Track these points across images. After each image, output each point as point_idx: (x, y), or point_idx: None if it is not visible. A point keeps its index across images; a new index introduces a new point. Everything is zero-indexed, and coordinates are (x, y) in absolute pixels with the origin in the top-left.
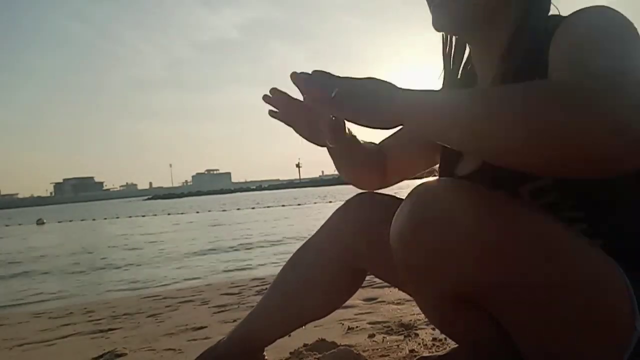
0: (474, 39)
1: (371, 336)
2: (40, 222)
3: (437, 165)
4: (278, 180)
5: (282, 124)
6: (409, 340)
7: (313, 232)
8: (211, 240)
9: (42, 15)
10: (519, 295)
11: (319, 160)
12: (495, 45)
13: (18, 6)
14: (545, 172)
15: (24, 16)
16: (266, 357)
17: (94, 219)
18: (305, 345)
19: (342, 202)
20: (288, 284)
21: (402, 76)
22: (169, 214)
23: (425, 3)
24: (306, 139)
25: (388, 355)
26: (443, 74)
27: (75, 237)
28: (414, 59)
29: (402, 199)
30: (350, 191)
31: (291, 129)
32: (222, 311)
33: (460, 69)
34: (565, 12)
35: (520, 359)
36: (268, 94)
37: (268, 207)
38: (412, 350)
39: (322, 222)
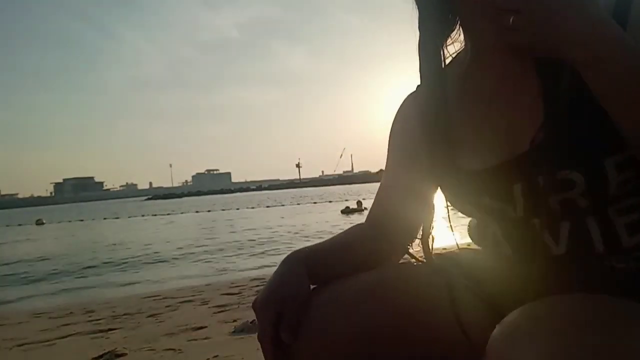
0: None
1: None
2: (39, 223)
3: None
4: (278, 180)
5: (282, 124)
6: None
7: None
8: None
9: (43, 15)
10: None
11: (319, 160)
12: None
13: (18, 6)
14: None
15: (24, 16)
16: None
17: (93, 219)
18: None
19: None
20: None
21: (404, 77)
22: (168, 214)
23: None
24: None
25: None
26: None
27: (74, 237)
28: (415, 59)
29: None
30: (348, 192)
31: (291, 130)
32: (222, 311)
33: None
34: None
35: None
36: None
37: (268, 206)
38: None
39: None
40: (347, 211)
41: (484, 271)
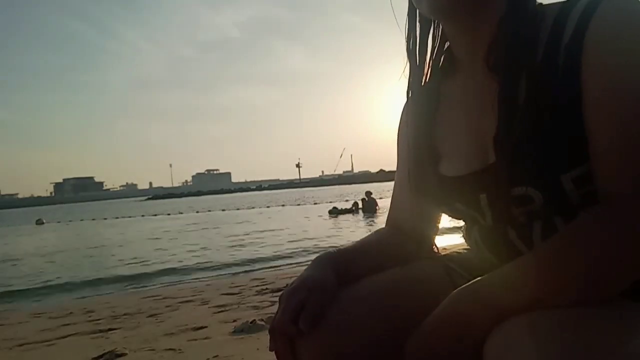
0: (465, 17)
1: None
2: (39, 222)
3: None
4: (278, 180)
5: (282, 124)
6: None
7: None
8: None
9: (43, 14)
10: None
11: (319, 160)
12: (485, 26)
13: (18, 6)
14: None
15: (24, 16)
16: None
17: (93, 219)
18: None
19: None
20: None
21: (403, 75)
22: (168, 214)
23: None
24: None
25: None
26: (410, 72)
27: (74, 236)
28: None
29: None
30: (348, 192)
31: (291, 130)
32: (222, 311)
33: (428, 61)
34: None
35: None
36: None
37: (268, 207)
38: None
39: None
40: (335, 212)
41: (480, 269)
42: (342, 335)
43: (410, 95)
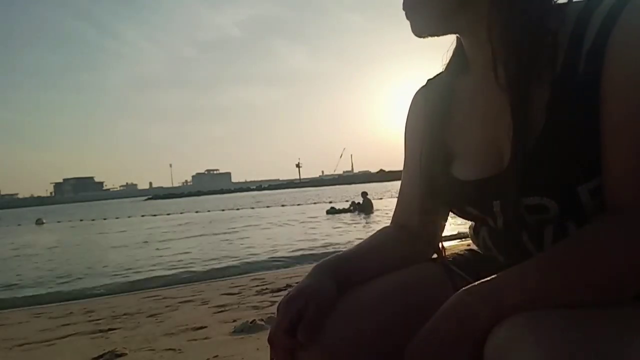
0: (459, 29)
1: None
2: (39, 222)
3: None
4: (278, 180)
5: (282, 124)
6: None
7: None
8: None
9: (43, 14)
10: None
11: (319, 161)
12: (481, 27)
13: (18, 5)
14: None
15: (24, 15)
16: None
17: (93, 219)
18: None
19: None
20: None
21: (404, 76)
22: (168, 214)
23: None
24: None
25: None
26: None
27: (74, 237)
28: (415, 58)
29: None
30: (349, 192)
31: (291, 130)
32: (222, 311)
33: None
34: None
35: None
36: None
37: (268, 206)
38: None
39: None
40: (332, 211)
41: (481, 270)
42: (342, 344)
43: (423, 90)
